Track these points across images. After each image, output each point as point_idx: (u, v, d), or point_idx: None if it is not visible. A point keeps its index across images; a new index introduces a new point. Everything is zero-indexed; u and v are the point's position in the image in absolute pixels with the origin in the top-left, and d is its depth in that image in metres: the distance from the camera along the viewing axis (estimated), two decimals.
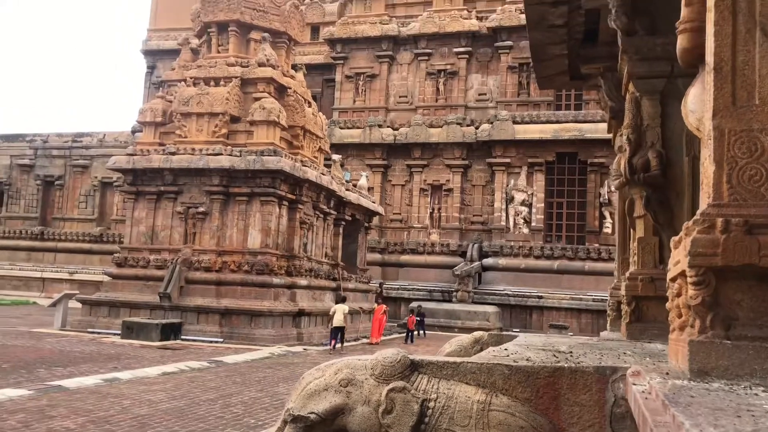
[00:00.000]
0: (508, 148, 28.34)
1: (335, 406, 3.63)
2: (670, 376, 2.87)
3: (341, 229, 22.27)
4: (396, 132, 29.97)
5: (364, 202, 23.78)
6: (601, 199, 27.06)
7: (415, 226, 29.63)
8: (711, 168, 2.87)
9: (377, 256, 28.91)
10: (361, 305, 21.89)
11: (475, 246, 28.04)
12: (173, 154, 18.40)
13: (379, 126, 30.17)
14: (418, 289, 27.90)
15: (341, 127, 30.59)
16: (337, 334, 16.49)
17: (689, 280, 2.80)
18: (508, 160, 28.35)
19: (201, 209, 18.19)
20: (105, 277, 19.92)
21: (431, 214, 29.50)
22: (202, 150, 18.17)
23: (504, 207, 28.28)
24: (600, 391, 3.49)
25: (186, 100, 18.83)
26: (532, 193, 28.00)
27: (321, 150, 21.49)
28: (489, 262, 27.82)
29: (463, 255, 28.21)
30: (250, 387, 10.08)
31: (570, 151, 27.62)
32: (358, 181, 25.85)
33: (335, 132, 29.94)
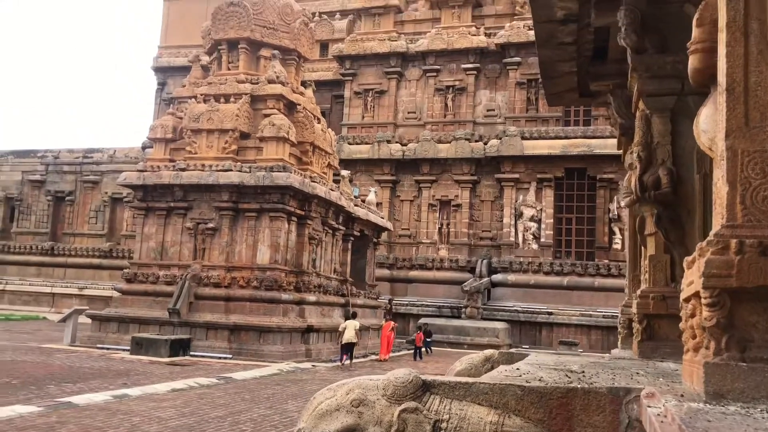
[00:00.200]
0: (517, 163, 28.34)
1: (347, 426, 3.61)
2: (685, 399, 2.85)
3: (350, 245, 22.27)
4: (404, 147, 30.03)
5: (373, 218, 23.78)
6: (610, 214, 26.96)
7: (423, 241, 29.58)
8: (724, 189, 2.86)
9: (386, 272, 28.85)
10: (370, 321, 21.83)
11: (484, 262, 27.94)
12: (183, 170, 18.51)
13: (388, 141, 30.25)
14: (427, 305, 27.80)
15: (350, 143, 30.68)
16: (347, 350, 16.45)
17: (704, 301, 2.78)
18: (516, 176, 28.33)
19: (210, 225, 18.26)
20: (114, 292, 19.98)
21: (440, 229, 29.45)
22: (212, 166, 18.27)
23: (513, 222, 28.22)
24: (614, 412, 3.46)
25: (196, 116, 18.97)
26: (541, 209, 27.93)
27: (330, 166, 21.56)
28: (498, 278, 27.71)
29: (472, 271, 28.11)
30: (259, 404, 10.05)
31: (579, 167, 27.58)
32: (367, 196, 25.85)
33: (344, 147, 30.02)
